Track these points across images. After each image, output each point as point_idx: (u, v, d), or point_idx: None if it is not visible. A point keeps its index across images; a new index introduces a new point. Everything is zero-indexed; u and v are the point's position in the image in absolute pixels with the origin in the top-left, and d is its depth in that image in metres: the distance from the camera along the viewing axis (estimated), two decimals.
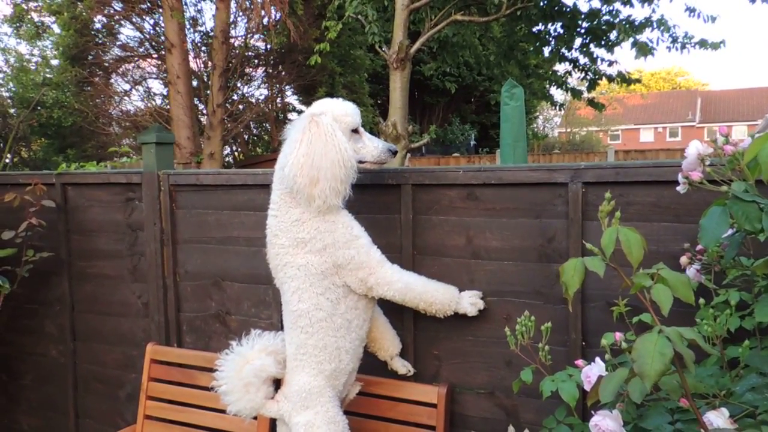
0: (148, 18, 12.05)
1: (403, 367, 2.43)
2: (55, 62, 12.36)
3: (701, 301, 1.59)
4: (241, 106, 12.90)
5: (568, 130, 32.51)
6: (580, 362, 1.40)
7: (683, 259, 1.74)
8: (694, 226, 1.99)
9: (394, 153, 2.23)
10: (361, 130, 2.17)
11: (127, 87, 13.04)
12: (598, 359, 1.27)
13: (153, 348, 2.95)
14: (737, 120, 40.24)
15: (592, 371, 1.24)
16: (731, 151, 1.29)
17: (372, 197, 2.49)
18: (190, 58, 11.06)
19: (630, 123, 43.52)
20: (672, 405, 1.27)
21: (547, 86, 11.26)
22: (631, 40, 8.22)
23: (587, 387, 1.25)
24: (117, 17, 11.86)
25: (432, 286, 2.21)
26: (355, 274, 2.07)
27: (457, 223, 2.38)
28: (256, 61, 13.18)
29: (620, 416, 1.20)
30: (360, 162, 2.13)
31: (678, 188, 1.44)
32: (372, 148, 2.16)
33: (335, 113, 2.09)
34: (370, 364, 2.38)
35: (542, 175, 2.22)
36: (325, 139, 1.98)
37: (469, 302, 2.26)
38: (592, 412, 1.25)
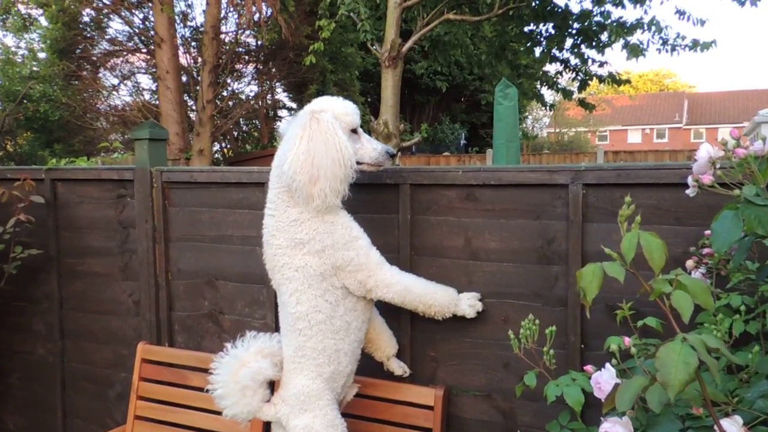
0: (137, 12, 11.94)
1: (399, 368, 2.41)
2: (42, 55, 12.18)
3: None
4: (231, 103, 12.82)
5: (557, 130, 32.66)
6: (589, 368, 1.38)
7: (689, 263, 1.73)
8: (696, 229, 1.99)
9: (392, 156, 2.20)
10: (360, 130, 2.14)
11: (115, 82, 12.91)
12: (608, 365, 1.25)
13: (144, 347, 2.90)
14: (723, 122, 40.61)
15: (603, 377, 1.22)
16: (742, 154, 1.28)
17: (369, 197, 2.46)
18: (180, 53, 10.97)
19: (618, 124, 43.81)
20: (682, 411, 1.25)
21: (538, 86, 11.29)
22: (622, 41, 8.26)
23: (597, 393, 1.23)
24: (106, 11, 11.73)
25: (431, 288, 2.18)
26: (354, 276, 2.04)
27: (456, 223, 2.35)
28: (247, 57, 13.11)
29: (630, 423, 1.18)
30: (358, 163, 2.10)
31: (688, 191, 1.42)
32: (370, 149, 2.13)
33: (336, 111, 2.05)
34: (367, 366, 2.36)
35: (542, 176, 2.20)
36: (326, 137, 1.94)
37: (468, 304, 2.23)
38: (602, 418, 1.23)
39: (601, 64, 9.27)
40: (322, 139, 1.94)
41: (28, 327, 3.35)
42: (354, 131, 2.11)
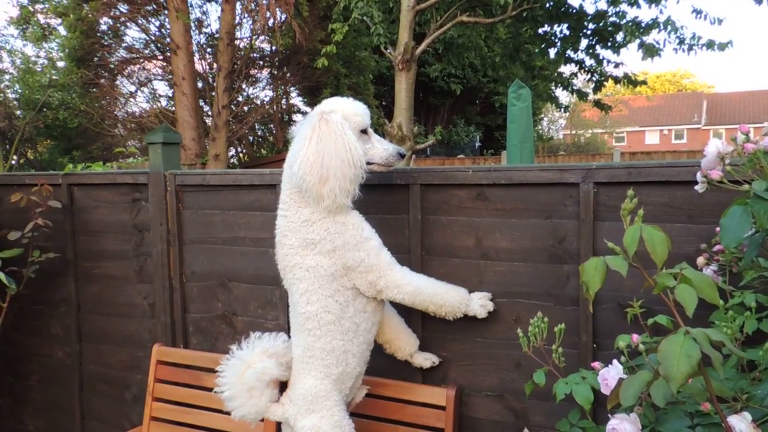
0: (153, 20, 12.08)
1: (426, 360, 2.37)
2: (61, 64, 12.38)
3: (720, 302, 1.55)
4: (246, 108, 12.92)
5: (573, 132, 32.44)
6: (596, 364, 1.37)
7: (700, 260, 1.71)
8: (708, 227, 1.97)
9: (403, 156, 2.20)
10: (370, 131, 2.15)
11: (132, 88, 13.09)
12: (615, 362, 1.24)
13: (159, 349, 2.93)
14: (743, 122, 39.93)
15: (610, 374, 1.21)
16: (752, 149, 1.26)
17: (380, 197, 2.47)
18: (196, 59, 11.08)
19: (635, 125, 43.39)
20: (690, 408, 1.24)
21: (553, 88, 11.23)
22: (638, 41, 8.19)
23: (604, 390, 1.22)
24: (123, 19, 11.90)
25: (442, 288, 2.18)
26: (364, 276, 2.04)
27: (467, 223, 2.35)
28: (261, 62, 13.21)
29: (638, 420, 1.17)
30: (368, 163, 2.10)
31: (697, 187, 1.41)
32: (381, 150, 2.13)
33: (345, 112, 2.05)
34: (378, 366, 2.36)
35: (553, 175, 2.19)
36: (335, 138, 1.95)
37: (479, 304, 2.23)
38: (609, 415, 1.22)
39: (617, 65, 9.21)
40: (331, 139, 1.95)
41: (47, 330, 3.40)
42: (364, 131, 2.12)
